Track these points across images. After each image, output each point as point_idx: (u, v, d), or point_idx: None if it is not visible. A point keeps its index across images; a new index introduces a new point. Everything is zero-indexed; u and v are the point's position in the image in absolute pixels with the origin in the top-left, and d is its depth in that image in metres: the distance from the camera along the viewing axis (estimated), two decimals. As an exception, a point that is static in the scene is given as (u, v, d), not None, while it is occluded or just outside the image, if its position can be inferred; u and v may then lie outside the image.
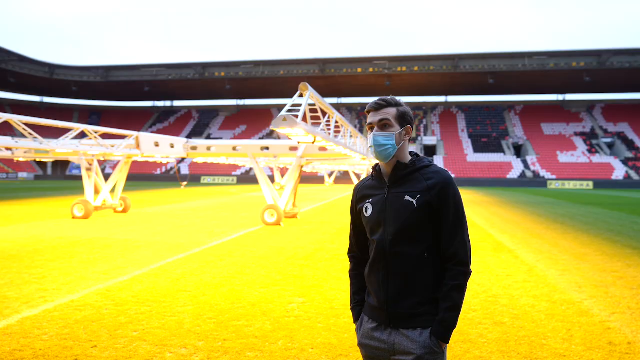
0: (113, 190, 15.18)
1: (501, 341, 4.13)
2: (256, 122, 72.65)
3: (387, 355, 1.92)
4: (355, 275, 2.16)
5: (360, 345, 2.01)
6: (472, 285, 6.01)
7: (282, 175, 35.08)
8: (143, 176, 58.02)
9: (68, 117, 75.71)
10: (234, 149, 13.13)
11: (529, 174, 56.18)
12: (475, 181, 54.89)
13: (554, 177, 55.13)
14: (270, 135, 68.86)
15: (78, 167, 58.26)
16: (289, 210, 13.51)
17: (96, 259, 7.51)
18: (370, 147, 1.95)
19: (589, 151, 60.26)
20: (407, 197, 1.89)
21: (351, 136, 12.49)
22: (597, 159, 58.11)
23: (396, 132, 1.94)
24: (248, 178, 57.21)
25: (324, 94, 73.34)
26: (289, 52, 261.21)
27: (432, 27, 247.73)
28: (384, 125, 1.94)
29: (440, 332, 1.86)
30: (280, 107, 76.92)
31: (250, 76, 63.73)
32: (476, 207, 19.84)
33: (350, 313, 4.86)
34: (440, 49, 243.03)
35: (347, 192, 33.04)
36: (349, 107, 76.47)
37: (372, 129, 1.98)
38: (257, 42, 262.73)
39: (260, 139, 66.41)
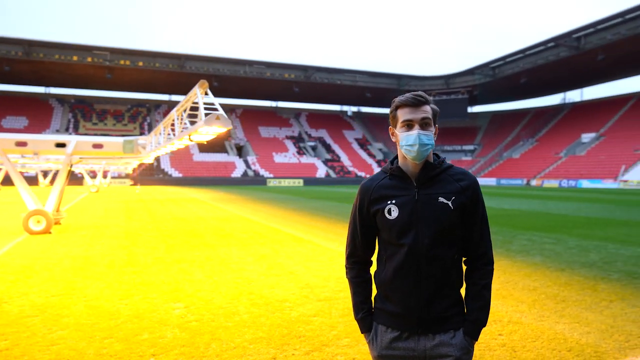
0: None
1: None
2: None
3: None
4: (360, 282, 2.03)
5: (381, 357, 1.90)
6: (335, 273, 6.79)
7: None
8: None
9: None
10: (-24, 143, 10.63)
11: (250, 173, 60.89)
12: (202, 180, 56.36)
13: (272, 175, 61.24)
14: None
15: None
16: (55, 216, 11.73)
17: None
18: (410, 145, 1.82)
19: (298, 153, 69.23)
20: (442, 199, 1.84)
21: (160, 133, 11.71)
22: (304, 159, 67.28)
23: (433, 131, 1.89)
24: None
25: (28, 81, 63.17)
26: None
27: (156, 24, 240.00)
28: (425, 124, 1.85)
29: (474, 331, 1.87)
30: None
31: None
32: (234, 204, 20.87)
33: (230, 311, 4.98)
34: (167, 47, 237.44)
35: (82, 195, 29.57)
36: (61, 99, 67.77)
37: (408, 126, 1.85)
38: None
39: None
